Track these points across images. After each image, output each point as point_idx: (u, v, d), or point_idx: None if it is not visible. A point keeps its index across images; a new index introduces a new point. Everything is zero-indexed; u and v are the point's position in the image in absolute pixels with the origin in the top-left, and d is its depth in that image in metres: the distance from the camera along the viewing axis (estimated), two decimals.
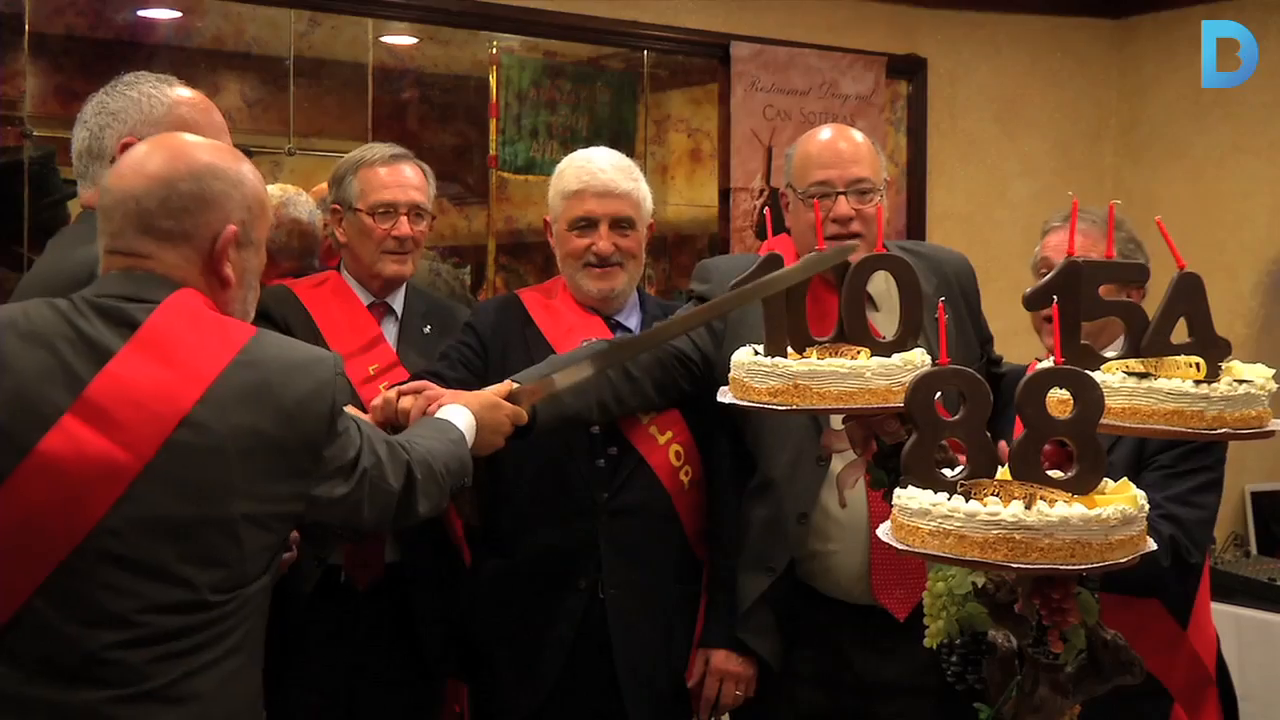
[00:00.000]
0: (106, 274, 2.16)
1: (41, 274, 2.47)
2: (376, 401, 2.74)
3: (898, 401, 2.14)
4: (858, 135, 3.13)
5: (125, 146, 2.51)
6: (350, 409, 2.35)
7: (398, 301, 3.39)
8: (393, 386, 2.80)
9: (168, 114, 2.56)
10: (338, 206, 3.34)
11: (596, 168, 3.17)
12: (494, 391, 2.70)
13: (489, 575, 3.15)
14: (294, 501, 2.13)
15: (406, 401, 2.69)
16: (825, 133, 3.14)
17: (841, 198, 2.99)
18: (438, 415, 2.57)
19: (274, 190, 3.68)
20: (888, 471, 2.31)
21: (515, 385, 2.73)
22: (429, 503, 2.35)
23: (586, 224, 3.14)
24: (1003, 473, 1.98)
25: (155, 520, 2.02)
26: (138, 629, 2.02)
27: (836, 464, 2.88)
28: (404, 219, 3.31)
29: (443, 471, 2.38)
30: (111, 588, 2.02)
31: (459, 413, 2.58)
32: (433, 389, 2.72)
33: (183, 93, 2.62)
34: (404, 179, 3.36)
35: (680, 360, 3.05)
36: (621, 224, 3.15)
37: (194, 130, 2.54)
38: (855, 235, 2.99)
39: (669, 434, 3.11)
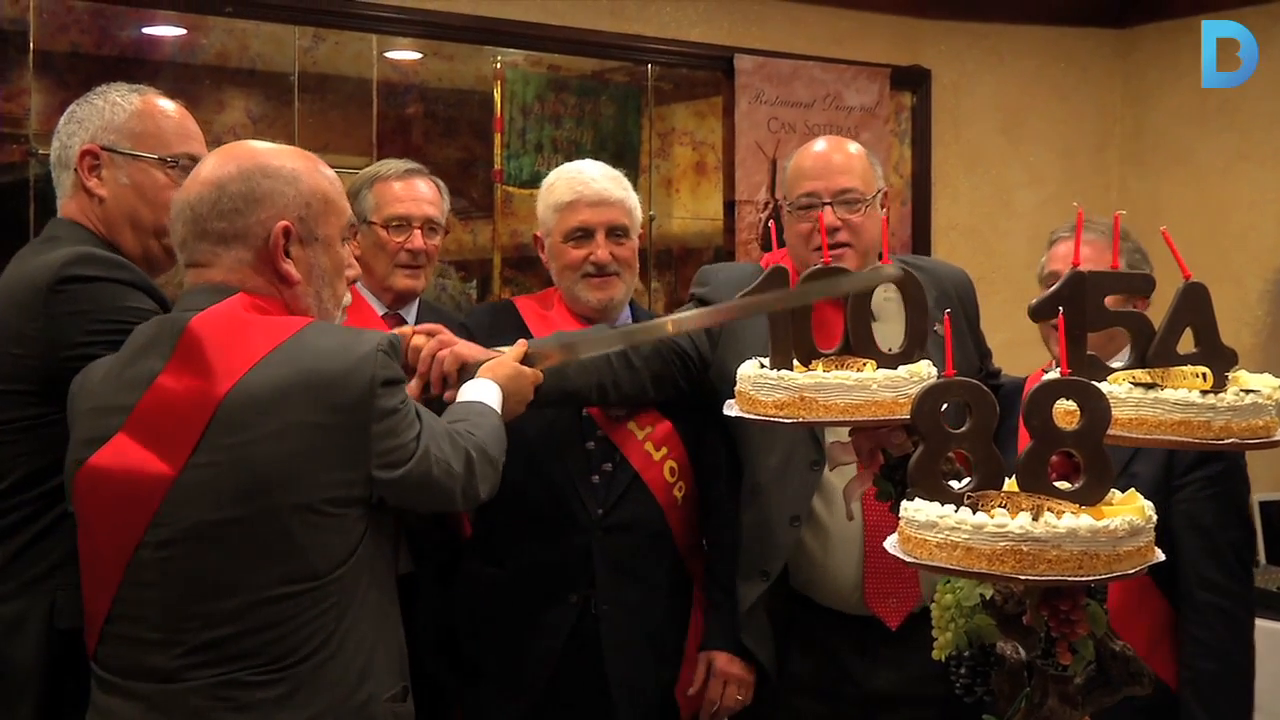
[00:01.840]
0: (184, 291, 2.23)
1: (4, 283, 2.46)
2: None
3: (904, 414, 2.14)
4: (851, 147, 3.13)
5: (85, 154, 2.52)
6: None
7: (411, 315, 3.40)
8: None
9: (129, 119, 2.54)
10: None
11: (589, 177, 3.18)
12: (512, 355, 2.65)
13: (480, 583, 3.13)
14: (353, 486, 2.10)
15: (419, 340, 2.66)
16: (817, 145, 3.15)
17: (827, 208, 3.00)
18: (467, 396, 2.52)
19: None
20: (894, 483, 2.30)
21: (530, 349, 2.69)
22: (488, 485, 2.33)
23: (583, 234, 3.14)
24: (1010, 484, 1.97)
25: (197, 527, 2.05)
26: (202, 637, 2.06)
27: (834, 475, 2.88)
28: (417, 232, 3.34)
29: (495, 457, 2.36)
30: (171, 598, 2.07)
31: (488, 389, 2.54)
32: (446, 334, 2.69)
33: (153, 100, 2.60)
34: (418, 193, 3.39)
35: (679, 355, 3.05)
36: (617, 232, 3.15)
37: (158, 136, 2.55)
38: (843, 245, 3.00)
39: (664, 450, 3.10)
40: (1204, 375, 2.08)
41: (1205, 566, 2.88)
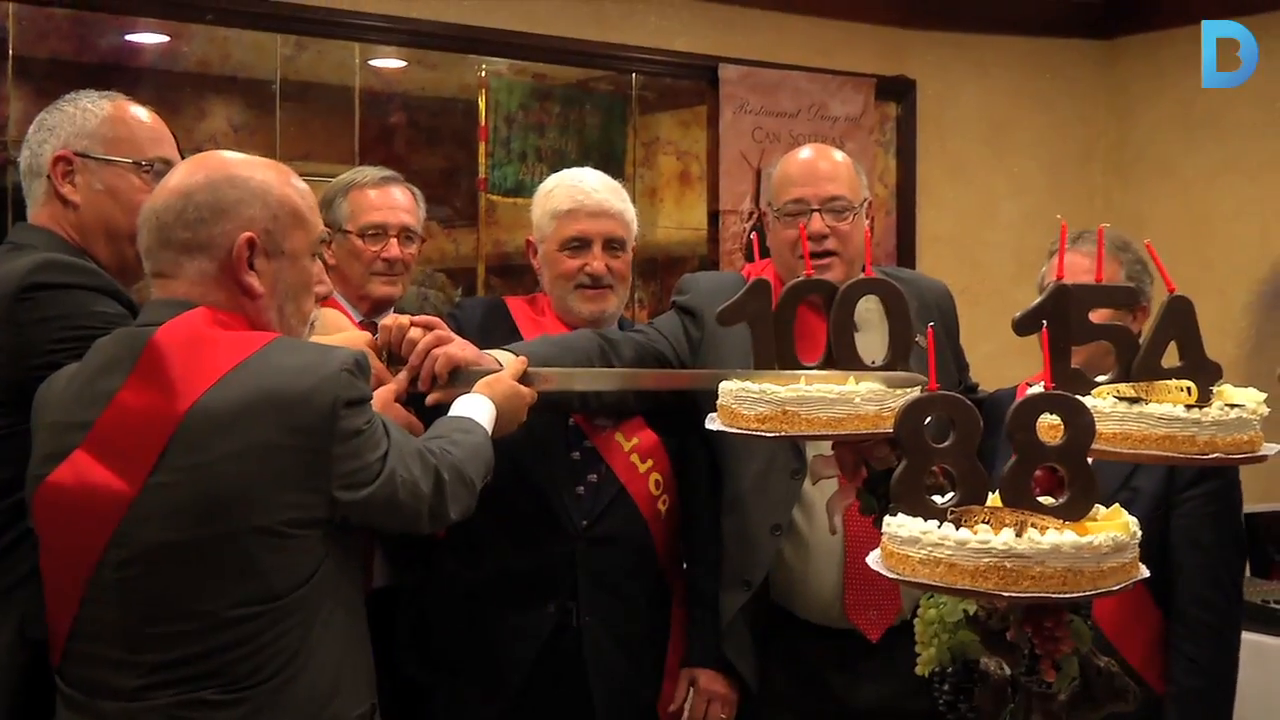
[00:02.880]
0: (145, 304, 2.19)
1: None
2: (386, 321, 2.67)
3: (887, 427, 2.13)
4: (836, 154, 3.12)
5: (58, 160, 2.49)
6: (394, 409, 2.37)
7: None
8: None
9: (102, 125, 2.52)
10: (327, 229, 3.32)
11: (589, 187, 3.15)
12: (510, 373, 2.60)
13: (454, 585, 3.08)
14: (313, 508, 2.07)
15: (415, 333, 2.61)
16: (804, 152, 3.14)
17: (815, 214, 2.99)
18: (459, 410, 2.47)
19: None
20: (877, 497, 2.29)
21: (529, 366, 2.64)
22: (459, 506, 2.28)
23: (579, 244, 3.11)
24: (993, 499, 1.96)
25: (156, 547, 2.02)
26: (163, 657, 2.03)
27: (814, 487, 2.87)
28: (393, 241, 3.32)
29: (471, 477, 2.31)
30: (131, 618, 2.04)
31: (481, 405, 2.49)
32: (445, 331, 2.65)
33: (124, 105, 2.58)
34: (394, 201, 3.36)
35: (660, 363, 3.03)
36: (613, 244, 3.12)
37: (131, 141, 2.53)
38: (830, 253, 2.98)
39: (649, 462, 3.07)
40: (1189, 389, 2.07)
41: (1202, 584, 2.90)
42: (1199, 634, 2.89)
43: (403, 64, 5.18)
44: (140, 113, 2.60)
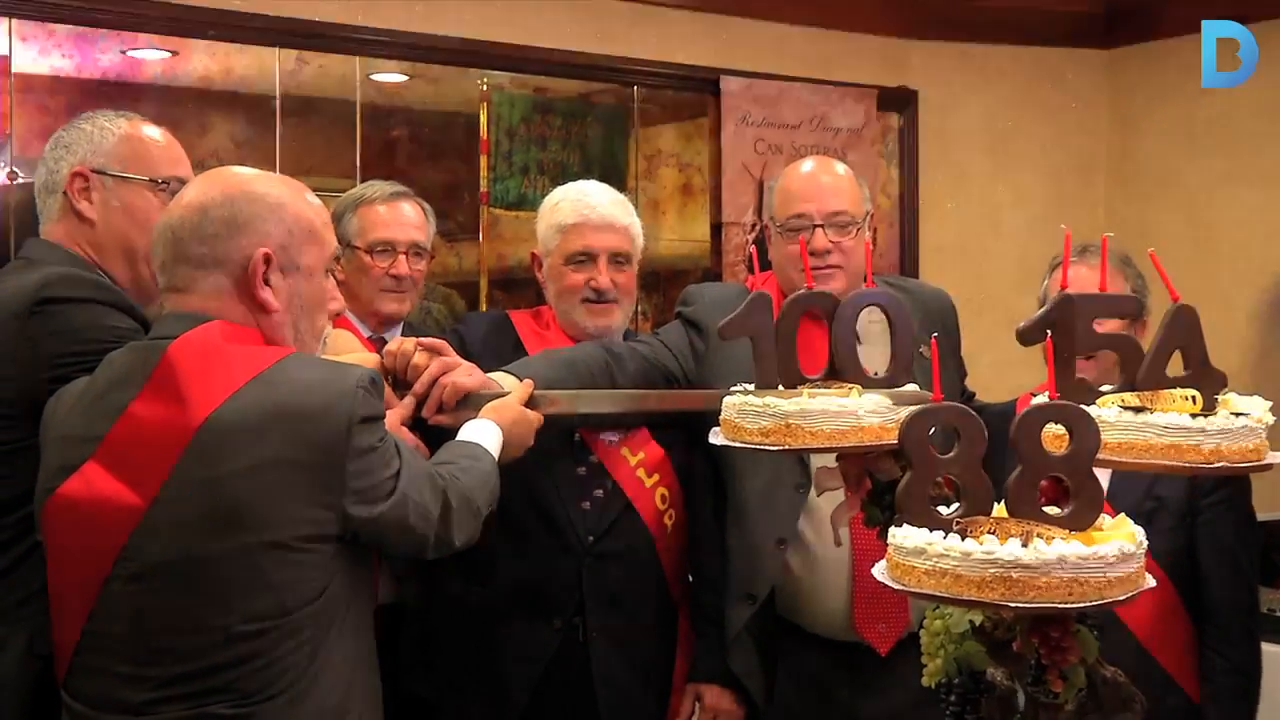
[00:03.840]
0: (159, 318, 2.20)
1: None
2: (391, 347, 2.67)
3: (891, 439, 2.12)
4: (839, 167, 3.11)
5: (75, 176, 2.52)
6: (402, 432, 2.37)
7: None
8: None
9: (118, 144, 2.55)
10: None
11: (595, 201, 3.14)
12: (516, 397, 2.61)
13: (459, 601, 3.08)
14: (326, 523, 2.06)
15: (421, 358, 2.62)
16: (806, 165, 3.13)
17: (819, 230, 2.98)
18: (467, 437, 2.47)
19: None
20: (882, 509, 2.28)
21: (536, 390, 2.65)
22: (465, 535, 2.29)
23: (585, 258, 3.10)
24: (999, 509, 1.95)
25: (167, 561, 2.02)
26: (171, 671, 2.02)
27: (821, 499, 2.85)
28: (402, 257, 3.31)
29: (479, 505, 2.32)
30: (140, 632, 2.04)
31: (489, 432, 2.49)
32: (450, 355, 2.65)
33: (139, 124, 2.61)
34: (404, 217, 3.35)
35: (665, 377, 3.03)
36: (619, 259, 3.12)
37: (146, 159, 2.56)
38: (834, 268, 2.97)
39: (656, 476, 3.07)
40: (1193, 398, 2.06)
41: (1232, 586, 2.94)
42: (1232, 635, 2.93)
43: (404, 78, 5.17)
44: (155, 132, 2.63)
